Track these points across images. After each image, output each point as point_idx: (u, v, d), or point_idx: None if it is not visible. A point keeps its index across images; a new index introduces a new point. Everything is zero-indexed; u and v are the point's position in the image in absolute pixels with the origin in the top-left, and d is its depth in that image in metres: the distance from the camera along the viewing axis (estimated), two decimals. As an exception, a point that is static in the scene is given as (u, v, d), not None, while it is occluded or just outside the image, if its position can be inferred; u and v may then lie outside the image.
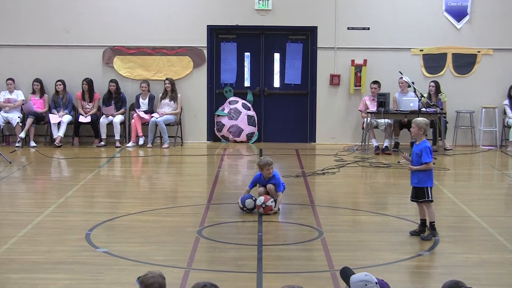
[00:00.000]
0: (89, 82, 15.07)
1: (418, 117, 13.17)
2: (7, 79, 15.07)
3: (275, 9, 15.34)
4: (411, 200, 8.12)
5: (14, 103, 14.97)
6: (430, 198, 7.93)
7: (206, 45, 15.45)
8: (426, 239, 7.87)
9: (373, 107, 14.36)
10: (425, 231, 7.99)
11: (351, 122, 15.50)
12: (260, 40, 15.74)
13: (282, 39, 15.72)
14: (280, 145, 15.05)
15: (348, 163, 12.94)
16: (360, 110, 14.87)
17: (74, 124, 15.01)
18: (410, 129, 9.06)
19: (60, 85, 15.02)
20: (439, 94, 14.76)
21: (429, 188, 7.92)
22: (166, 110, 15.08)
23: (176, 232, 8.21)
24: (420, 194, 7.95)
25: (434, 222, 7.96)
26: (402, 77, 14.20)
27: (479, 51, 15.40)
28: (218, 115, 15.58)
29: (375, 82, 14.76)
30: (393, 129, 14.47)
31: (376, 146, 14.30)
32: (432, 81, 14.89)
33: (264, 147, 14.79)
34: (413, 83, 13.96)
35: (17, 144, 14.55)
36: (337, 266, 6.92)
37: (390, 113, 14.02)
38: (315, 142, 15.59)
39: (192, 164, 13.59)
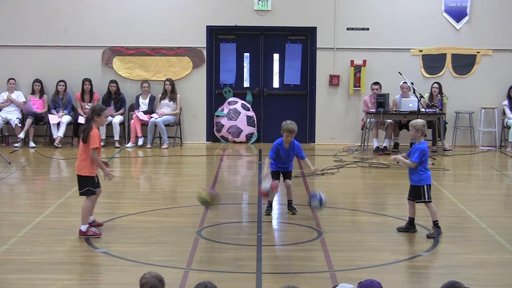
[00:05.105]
0: (91, 83, 15.10)
1: (418, 117, 13.34)
2: (9, 79, 15.07)
3: (274, 10, 15.34)
4: (408, 199, 8.15)
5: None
6: (426, 199, 7.96)
7: (205, 46, 15.46)
8: (432, 236, 7.90)
9: (373, 108, 14.33)
10: (414, 229, 8.11)
11: (351, 123, 15.51)
12: (259, 41, 15.74)
13: (281, 39, 15.73)
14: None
15: (348, 164, 12.95)
16: (364, 111, 14.81)
17: (74, 125, 15.00)
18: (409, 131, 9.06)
19: (62, 85, 15.02)
20: (439, 95, 14.75)
21: (425, 186, 7.95)
22: (165, 110, 15.08)
23: (176, 233, 8.21)
24: (417, 194, 7.99)
25: (437, 221, 7.99)
26: (405, 82, 14.15)
27: (478, 52, 15.41)
28: (218, 116, 15.58)
29: (376, 83, 14.73)
30: (392, 130, 14.47)
31: (376, 146, 14.30)
32: (435, 82, 14.85)
33: (264, 148, 14.77)
34: (412, 83, 13.98)
35: (16, 145, 14.56)
36: (336, 266, 6.93)
37: (390, 113, 14.03)
38: (314, 142, 15.59)
39: (192, 164, 13.59)
